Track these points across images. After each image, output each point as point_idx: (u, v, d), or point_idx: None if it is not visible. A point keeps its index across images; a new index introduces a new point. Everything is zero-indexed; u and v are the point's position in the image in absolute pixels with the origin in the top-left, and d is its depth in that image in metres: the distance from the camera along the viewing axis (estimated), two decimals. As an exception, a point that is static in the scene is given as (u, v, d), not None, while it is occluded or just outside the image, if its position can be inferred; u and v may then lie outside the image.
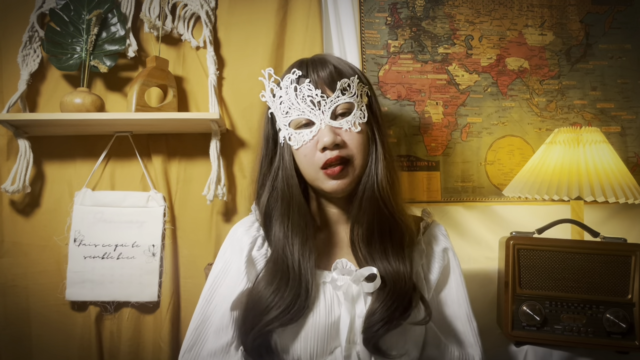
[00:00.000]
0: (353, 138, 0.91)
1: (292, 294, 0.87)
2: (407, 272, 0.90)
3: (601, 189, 1.25)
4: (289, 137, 0.93)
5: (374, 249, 0.92)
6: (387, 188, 0.92)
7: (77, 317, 1.33)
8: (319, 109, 0.90)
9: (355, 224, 0.93)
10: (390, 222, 0.93)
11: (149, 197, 1.36)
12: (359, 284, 0.89)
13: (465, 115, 1.53)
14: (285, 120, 0.93)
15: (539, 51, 1.56)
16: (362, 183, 0.93)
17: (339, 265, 0.93)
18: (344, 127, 0.91)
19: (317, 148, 0.90)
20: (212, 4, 1.43)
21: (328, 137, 0.88)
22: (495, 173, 1.52)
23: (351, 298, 0.89)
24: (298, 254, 0.90)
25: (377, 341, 0.84)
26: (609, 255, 1.16)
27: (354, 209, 0.93)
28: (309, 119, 0.91)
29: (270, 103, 0.97)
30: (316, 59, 0.96)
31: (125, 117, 1.25)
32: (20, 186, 1.29)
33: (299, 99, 0.91)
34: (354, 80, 0.93)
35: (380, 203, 0.91)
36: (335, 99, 0.91)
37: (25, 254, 1.34)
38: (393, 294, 0.87)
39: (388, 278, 0.89)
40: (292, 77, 0.92)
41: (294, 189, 0.92)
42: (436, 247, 1.00)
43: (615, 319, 1.13)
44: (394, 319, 0.84)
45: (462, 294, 0.98)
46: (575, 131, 1.35)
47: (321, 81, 0.91)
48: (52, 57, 1.33)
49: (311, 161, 0.91)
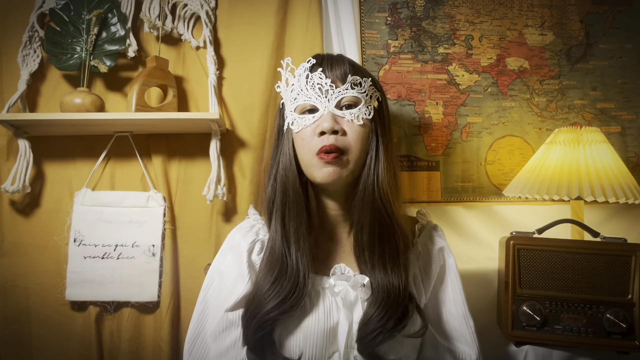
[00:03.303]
0: (353, 130, 0.91)
1: (290, 283, 0.87)
2: (402, 282, 0.89)
3: (601, 189, 1.25)
4: (291, 122, 0.94)
5: (374, 254, 0.91)
6: (388, 191, 0.91)
7: (77, 317, 1.33)
8: (325, 97, 0.92)
9: (357, 227, 0.92)
10: (388, 227, 0.91)
11: (149, 197, 1.36)
12: (356, 289, 0.89)
13: (466, 115, 1.53)
14: (292, 106, 0.95)
15: (539, 51, 1.56)
16: (362, 182, 0.92)
17: (337, 271, 0.92)
18: (347, 118, 0.92)
19: (316, 132, 0.90)
20: (212, 4, 1.43)
21: (328, 122, 0.89)
22: (495, 173, 1.52)
23: (349, 304, 0.89)
24: (294, 242, 0.90)
25: (372, 350, 0.84)
26: (609, 255, 1.16)
27: (356, 210, 0.92)
28: (313, 105, 0.92)
29: (283, 92, 0.98)
30: (334, 55, 0.99)
31: (125, 117, 1.25)
32: (20, 186, 1.29)
33: (308, 86, 0.93)
34: (367, 82, 0.94)
35: (379, 205, 0.90)
36: (344, 90, 0.92)
37: (25, 254, 1.34)
38: (386, 304, 0.86)
39: (382, 289, 0.88)
40: (306, 66, 0.94)
41: (291, 174, 0.93)
42: (432, 248, 0.99)
43: (615, 319, 1.13)
44: (388, 330, 0.84)
45: (459, 293, 0.98)
46: (575, 131, 1.35)
47: (333, 74, 0.93)
48: (52, 57, 1.33)
49: (308, 146, 0.91)
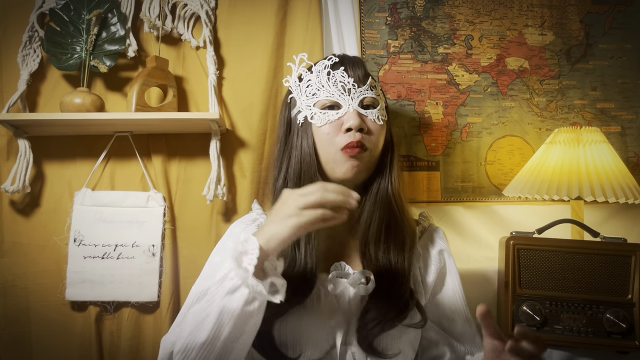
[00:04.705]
0: (376, 129, 0.96)
1: (298, 278, 0.87)
2: (406, 274, 0.91)
3: (601, 189, 1.25)
4: (311, 116, 0.96)
5: (379, 249, 0.93)
6: (399, 189, 0.97)
7: (77, 317, 1.33)
8: (348, 95, 0.95)
9: (367, 223, 0.94)
10: (398, 222, 0.95)
11: (148, 197, 1.36)
12: (356, 286, 0.89)
13: (465, 115, 1.53)
14: (310, 102, 0.96)
15: (539, 51, 1.56)
16: (378, 180, 0.97)
17: (336, 268, 0.93)
18: (370, 117, 0.95)
19: (341, 129, 0.93)
20: (212, 3, 1.43)
21: (355, 119, 0.92)
22: (495, 173, 1.52)
23: (348, 300, 0.89)
24: (304, 236, 0.89)
25: (372, 340, 0.85)
26: (609, 255, 1.16)
27: (368, 208, 0.95)
28: (336, 102, 0.95)
29: (294, 87, 1.01)
30: (352, 56, 1.03)
31: (125, 117, 1.25)
32: (20, 186, 1.29)
33: (330, 83, 0.96)
34: (378, 86, 1.01)
35: (393, 204, 0.95)
36: (365, 90, 0.96)
37: (25, 254, 1.34)
38: (390, 295, 0.88)
39: (386, 279, 0.89)
40: (326, 63, 0.97)
41: (311, 169, 0.94)
42: (432, 250, 1.00)
43: (615, 319, 1.13)
44: (389, 320, 0.85)
45: (459, 295, 0.98)
46: (575, 131, 1.35)
47: (355, 73, 0.96)
48: (52, 57, 1.33)
49: (332, 141, 0.93)
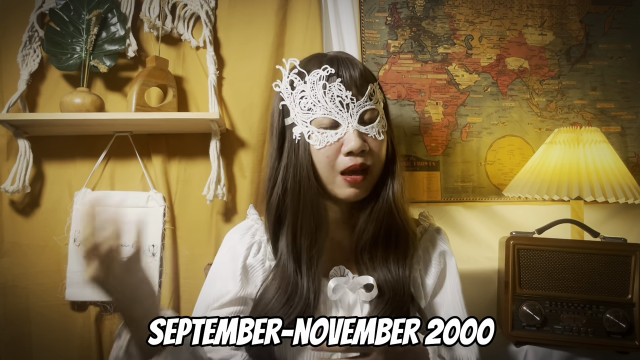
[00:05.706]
0: (377, 146, 0.88)
1: (301, 303, 0.85)
2: (407, 281, 0.89)
3: (601, 189, 1.25)
4: (308, 135, 0.87)
5: (375, 256, 0.91)
6: (401, 197, 0.91)
7: (77, 317, 1.33)
8: (347, 112, 0.86)
9: (361, 231, 0.91)
10: (399, 229, 0.91)
11: (148, 197, 1.36)
12: (355, 292, 0.89)
13: (465, 115, 1.53)
14: (306, 117, 0.88)
15: (539, 51, 1.56)
16: (378, 194, 0.91)
17: (336, 273, 0.92)
18: (370, 134, 0.87)
19: (342, 152, 0.86)
20: (212, 4, 1.43)
21: (356, 142, 0.84)
22: (495, 173, 1.52)
23: (347, 306, 0.89)
24: (306, 260, 0.88)
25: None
26: (609, 255, 1.16)
27: (363, 216, 0.91)
28: (335, 120, 0.86)
29: (286, 95, 0.90)
30: (345, 57, 0.91)
31: (125, 117, 1.25)
32: (20, 186, 1.29)
33: (327, 98, 0.86)
34: (377, 86, 0.91)
35: (394, 212, 0.90)
36: (364, 103, 0.87)
37: (25, 254, 1.34)
38: (392, 303, 0.86)
39: (387, 287, 0.88)
40: (322, 74, 0.86)
41: (311, 190, 0.87)
42: (433, 252, 0.98)
43: (615, 319, 1.13)
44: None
45: (458, 298, 0.96)
46: (575, 131, 1.35)
47: (352, 82, 0.87)
48: (52, 57, 1.33)
49: (332, 164, 0.87)
